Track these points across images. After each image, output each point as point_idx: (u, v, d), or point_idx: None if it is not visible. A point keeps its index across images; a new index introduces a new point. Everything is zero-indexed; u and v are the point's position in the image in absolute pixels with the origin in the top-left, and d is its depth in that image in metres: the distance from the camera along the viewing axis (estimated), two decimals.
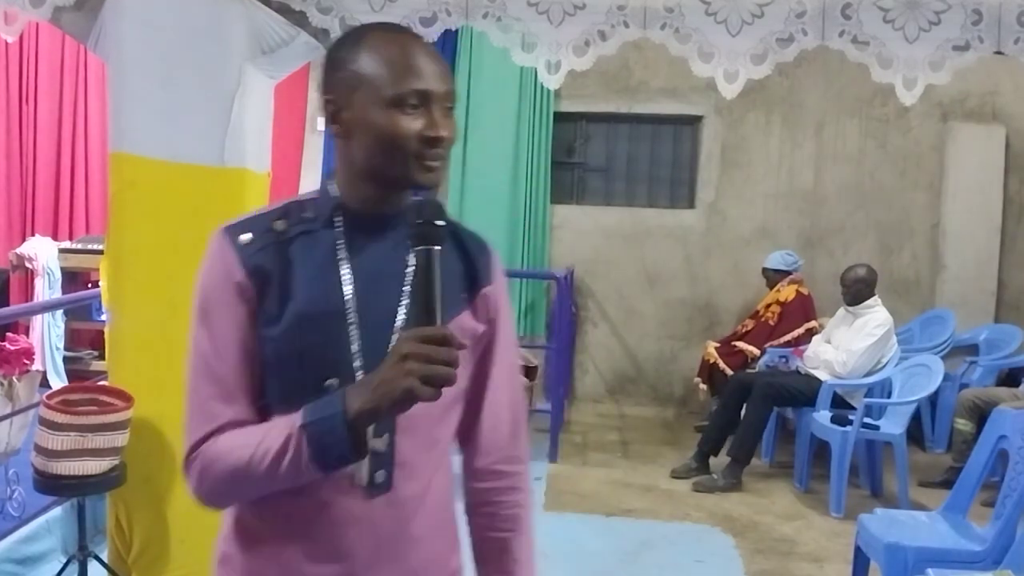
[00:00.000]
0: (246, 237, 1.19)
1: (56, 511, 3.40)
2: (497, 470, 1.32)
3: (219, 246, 1.20)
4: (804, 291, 5.85)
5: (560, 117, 6.68)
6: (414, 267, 1.12)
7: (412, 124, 1.15)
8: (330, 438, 1.08)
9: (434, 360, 1.05)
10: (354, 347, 1.17)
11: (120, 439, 2.78)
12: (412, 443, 1.20)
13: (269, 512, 1.20)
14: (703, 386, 5.95)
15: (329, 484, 1.16)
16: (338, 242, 1.21)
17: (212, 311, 1.18)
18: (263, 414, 1.18)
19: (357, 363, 1.17)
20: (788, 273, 5.90)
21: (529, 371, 5.45)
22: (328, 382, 1.15)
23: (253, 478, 1.13)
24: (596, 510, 4.47)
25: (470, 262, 1.27)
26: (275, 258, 1.18)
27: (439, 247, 1.10)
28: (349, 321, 1.17)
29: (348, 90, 1.18)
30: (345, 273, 1.19)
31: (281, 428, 1.12)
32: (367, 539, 1.19)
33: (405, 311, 1.19)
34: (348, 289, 1.18)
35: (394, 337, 1.17)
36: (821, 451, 4.90)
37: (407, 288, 1.20)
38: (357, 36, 1.21)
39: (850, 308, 4.98)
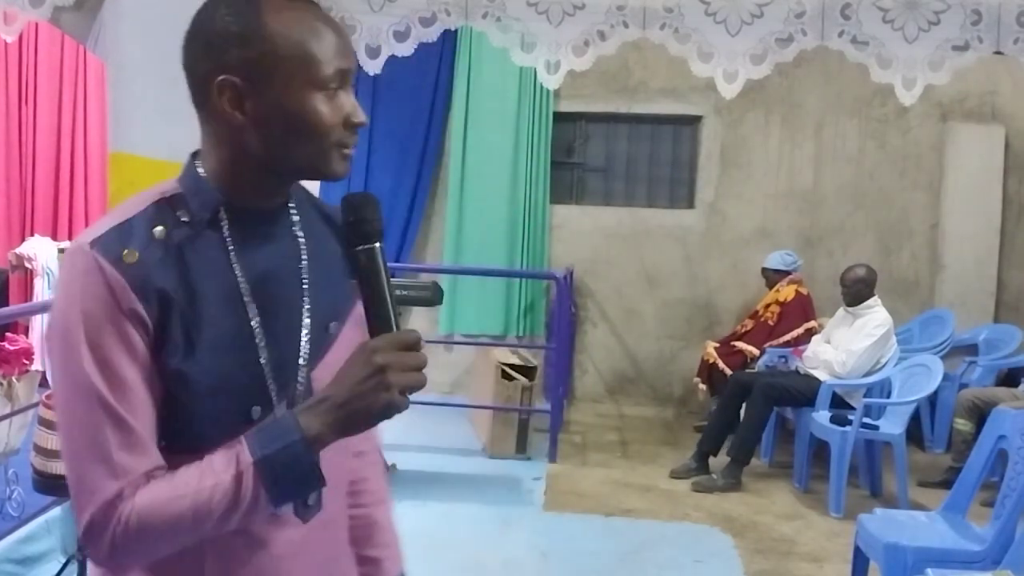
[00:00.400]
0: (130, 254, 0.99)
1: (55, 511, 3.40)
2: (360, 450, 1.25)
3: (95, 267, 0.97)
4: (803, 291, 5.85)
5: (559, 117, 6.68)
6: (359, 269, 1.00)
7: (338, 109, 1.03)
8: (293, 469, 0.96)
9: (410, 368, 0.97)
10: (267, 368, 1.04)
11: None
12: (333, 455, 1.08)
13: (192, 562, 1.03)
14: (702, 386, 5.95)
15: (260, 518, 1.03)
16: (229, 246, 1.05)
17: (103, 346, 0.96)
18: (165, 458, 1.01)
19: (272, 385, 1.04)
20: (787, 273, 5.91)
21: (528, 371, 5.45)
22: (252, 410, 1.03)
23: (192, 531, 0.97)
24: (596, 510, 4.46)
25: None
26: (170, 276, 1.00)
27: (379, 244, 1.01)
28: (257, 339, 1.04)
29: (260, 71, 1.01)
30: (243, 283, 1.04)
31: (220, 468, 0.96)
32: (305, 569, 1.10)
33: (308, 318, 1.08)
34: (250, 301, 1.04)
35: (303, 346, 1.07)
36: (820, 451, 4.90)
37: (307, 289, 1.09)
38: (249, 6, 1.02)
39: (850, 308, 4.98)
